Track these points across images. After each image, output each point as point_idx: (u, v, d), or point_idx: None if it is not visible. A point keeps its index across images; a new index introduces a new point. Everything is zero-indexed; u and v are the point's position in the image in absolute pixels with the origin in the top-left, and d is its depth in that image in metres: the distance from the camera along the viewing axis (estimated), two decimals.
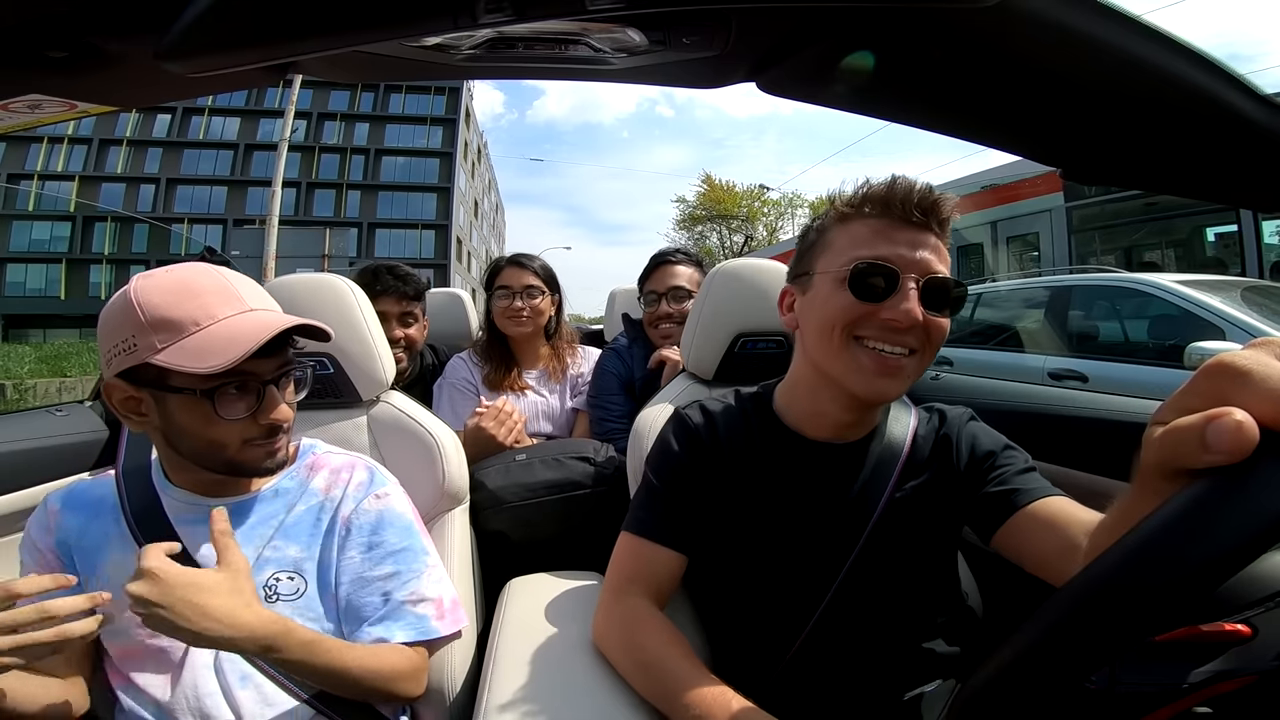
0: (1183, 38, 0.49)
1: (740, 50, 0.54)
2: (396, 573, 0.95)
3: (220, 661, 0.86)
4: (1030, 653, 0.43)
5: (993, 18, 0.45)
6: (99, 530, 0.90)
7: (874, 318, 0.83)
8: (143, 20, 0.43)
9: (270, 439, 0.89)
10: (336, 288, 1.26)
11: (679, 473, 0.95)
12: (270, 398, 0.87)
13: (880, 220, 0.85)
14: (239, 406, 0.85)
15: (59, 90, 0.52)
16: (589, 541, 1.30)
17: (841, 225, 0.88)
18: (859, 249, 0.84)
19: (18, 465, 1.31)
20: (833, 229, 0.89)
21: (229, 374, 0.81)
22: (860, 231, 0.86)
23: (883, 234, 0.84)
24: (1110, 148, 0.65)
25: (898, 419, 0.97)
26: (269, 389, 0.87)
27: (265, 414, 0.87)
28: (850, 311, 0.83)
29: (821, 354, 0.88)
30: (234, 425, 0.85)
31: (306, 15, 0.41)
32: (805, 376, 0.94)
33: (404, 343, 1.90)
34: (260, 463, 0.90)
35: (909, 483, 0.92)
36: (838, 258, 0.86)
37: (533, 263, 1.96)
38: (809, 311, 0.90)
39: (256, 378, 0.86)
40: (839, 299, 0.84)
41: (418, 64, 0.55)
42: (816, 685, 0.89)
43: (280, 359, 0.89)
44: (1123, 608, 0.36)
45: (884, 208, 0.85)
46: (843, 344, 0.85)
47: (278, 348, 0.87)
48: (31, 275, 36.57)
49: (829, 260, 0.87)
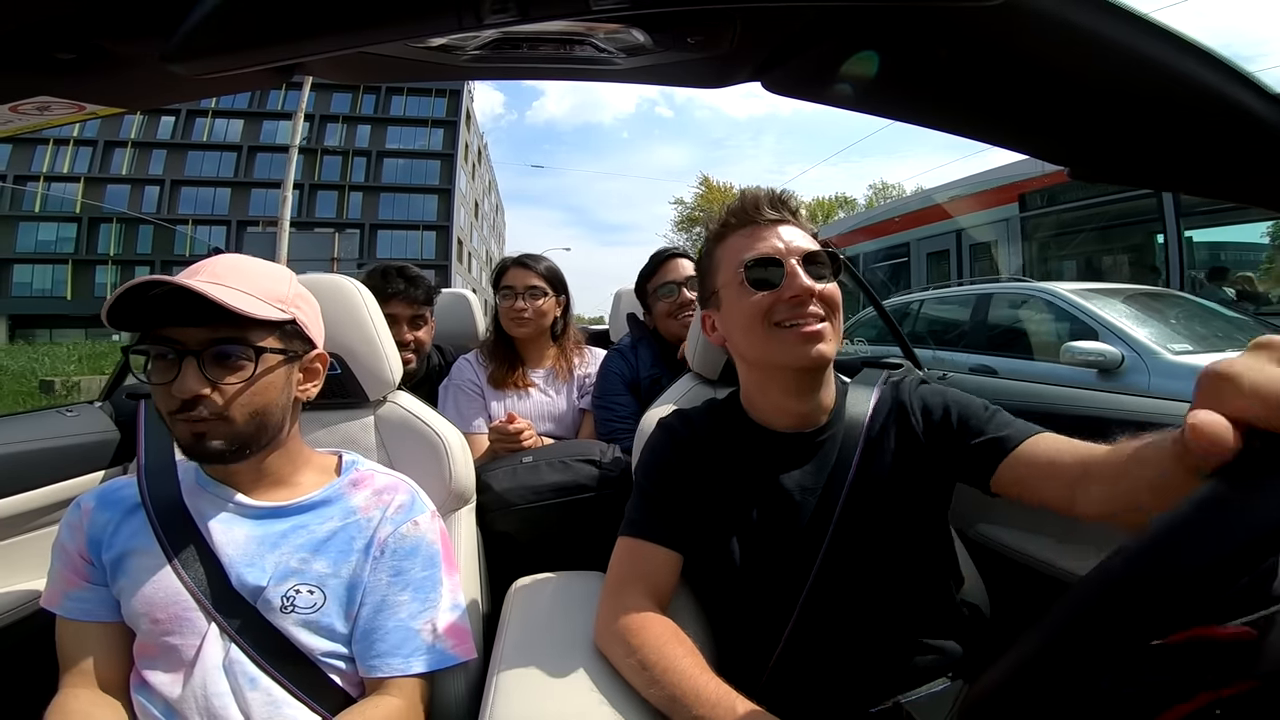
0: (1189, 35, 0.49)
1: (745, 50, 0.53)
2: (418, 602, 0.94)
3: (230, 663, 0.86)
4: (1042, 653, 0.43)
5: (999, 16, 0.45)
6: (129, 528, 0.91)
7: (779, 301, 0.93)
8: (149, 22, 0.43)
9: (185, 415, 0.84)
10: (344, 289, 1.26)
11: (666, 474, 0.99)
12: (183, 368, 0.83)
13: (746, 228, 0.98)
14: (162, 375, 0.85)
15: (67, 92, 0.52)
16: (595, 542, 1.30)
17: (720, 244, 1.01)
18: (741, 254, 0.96)
19: (28, 465, 1.32)
20: (715, 250, 1.02)
21: (156, 339, 0.84)
22: (736, 242, 0.99)
23: (754, 236, 0.97)
24: (1117, 146, 0.65)
25: (858, 400, 1.02)
26: (186, 360, 0.83)
27: (177, 384, 0.83)
28: (759, 304, 0.94)
29: (753, 350, 0.98)
30: (159, 393, 0.85)
31: (312, 17, 0.41)
32: (751, 379, 1.03)
33: (414, 345, 1.90)
34: (184, 440, 0.86)
35: (873, 459, 0.96)
36: (729, 269, 0.98)
37: (538, 264, 1.95)
38: (728, 322, 1.01)
39: (180, 346, 0.84)
40: (746, 300, 0.95)
41: (423, 65, 0.56)
42: (810, 681, 0.89)
43: (211, 332, 0.84)
44: (1134, 605, 0.36)
45: (743, 216, 0.99)
46: (766, 333, 0.94)
47: (210, 320, 0.84)
48: (38, 275, 37.10)
49: (723, 275, 1.00)
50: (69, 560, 0.90)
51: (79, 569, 0.90)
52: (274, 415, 0.91)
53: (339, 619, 0.91)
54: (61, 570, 0.91)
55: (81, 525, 0.91)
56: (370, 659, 0.91)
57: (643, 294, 2.02)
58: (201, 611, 0.87)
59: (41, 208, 37.71)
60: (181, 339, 0.84)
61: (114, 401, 1.60)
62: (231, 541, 0.90)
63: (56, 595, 0.90)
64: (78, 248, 37.49)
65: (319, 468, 1.02)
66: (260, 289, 0.89)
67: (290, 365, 0.93)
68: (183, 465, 0.97)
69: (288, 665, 0.88)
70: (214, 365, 0.85)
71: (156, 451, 0.99)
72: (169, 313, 0.83)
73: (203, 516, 0.91)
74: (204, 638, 0.86)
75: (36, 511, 1.31)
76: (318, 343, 0.98)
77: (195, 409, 0.84)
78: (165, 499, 0.92)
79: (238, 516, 0.92)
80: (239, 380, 0.86)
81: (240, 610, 0.88)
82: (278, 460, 0.96)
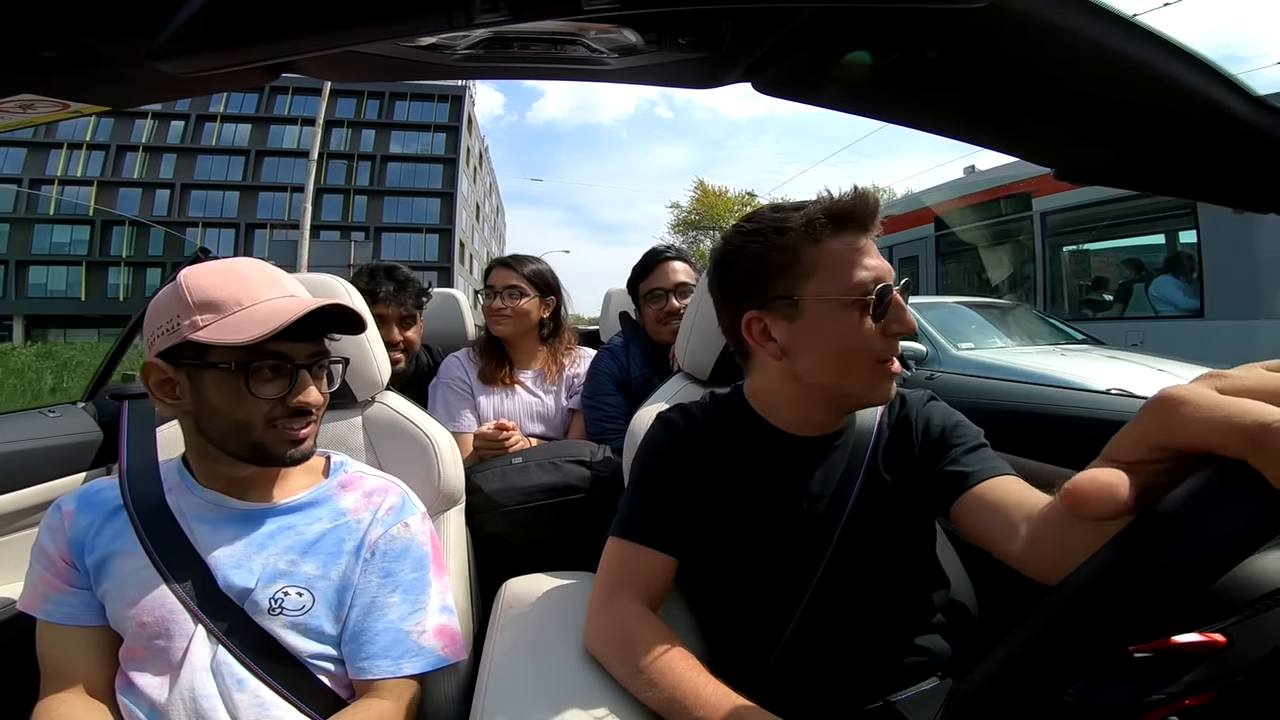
0: (1174, 38, 0.49)
1: (735, 51, 0.54)
2: (408, 604, 0.94)
3: (218, 665, 0.85)
4: (1026, 654, 0.43)
5: (985, 18, 0.45)
6: (111, 530, 0.90)
7: (881, 335, 0.85)
8: (135, 20, 0.42)
9: (295, 422, 0.90)
10: (333, 288, 1.26)
11: (665, 473, 0.95)
12: (302, 380, 0.90)
13: (852, 235, 0.86)
14: (272, 386, 0.87)
15: (51, 90, 0.52)
16: (586, 543, 1.30)
17: (817, 245, 0.86)
18: (855, 271, 0.85)
19: (10, 466, 1.30)
20: (807, 250, 0.87)
21: (266, 353, 0.86)
22: (841, 250, 0.86)
23: (861, 250, 0.86)
24: (1102, 148, 0.66)
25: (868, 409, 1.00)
26: (301, 372, 0.90)
27: (295, 395, 0.89)
28: (876, 337, 0.85)
29: (837, 378, 0.89)
30: (262, 405, 0.87)
31: (300, 15, 0.41)
32: (789, 392, 0.94)
33: (403, 345, 1.90)
34: (284, 448, 0.90)
35: (879, 470, 0.94)
36: (833, 282, 0.85)
37: (522, 266, 1.94)
38: (810, 338, 0.88)
39: (290, 360, 0.88)
40: (860, 327, 0.85)
41: (413, 64, 0.55)
42: (806, 682, 0.89)
43: (315, 346, 0.93)
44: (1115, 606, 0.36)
45: (850, 221, 0.86)
46: (870, 368, 0.87)
47: (313, 335, 0.92)
48: (53, 277, 37.95)
49: (823, 285, 0.86)
50: (50, 563, 0.89)
51: (60, 572, 0.89)
52: None
53: (328, 621, 0.91)
54: (42, 574, 0.89)
55: (63, 528, 0.90)
56: (360, 661, 0.90)
57: (634, 292, 2.00)
58: (188, 614, 0.86)
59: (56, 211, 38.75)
60: (291, 353, 0.89)
61: (97, 402, 1.58)
62: (217, 543, 0.89)
63: (37, 599, 0.89)
64: (91, 250, 38.34)
65: (306, 468, 1.01)
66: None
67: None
68: (166, 466, 0.96)
69: (276, 667, 0.87)
70: (316, 376, 0.93)
71: (138, 453, 0.98)
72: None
73: (187, 518, 0.90)
74: (191, 640, 0.85)
75: (16, 514, 1.30)
76: None
77: (306, 416, 0.91)
78: (148, 501, 0.91)
79: (224, 518, 0.91)
80: (330, 388, 0.97)
81: (227, 612, 0.87)
82: None
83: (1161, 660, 0.62)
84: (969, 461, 0.89)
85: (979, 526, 0.83)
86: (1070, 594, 0.39)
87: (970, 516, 0.85)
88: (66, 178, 38.00)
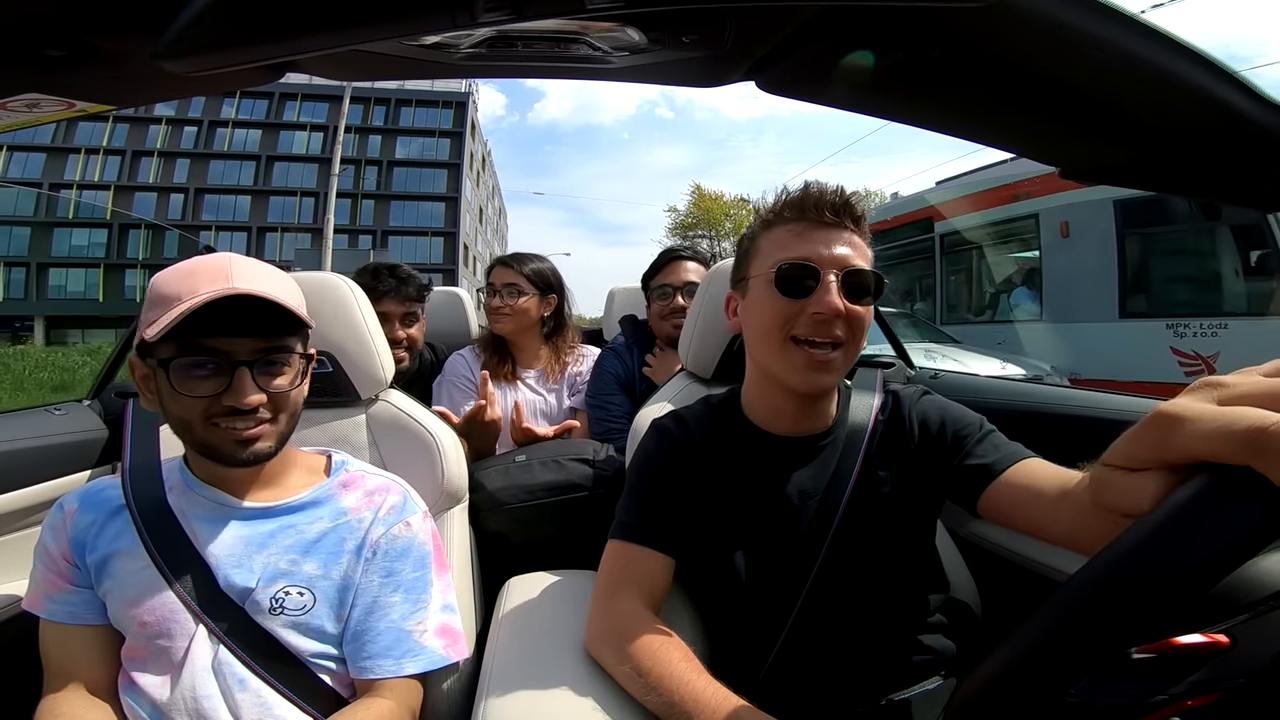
0: (1180, 36, 0.49)
1: (739, 49, 0.54)
2: (409, 603, 0.94)
3: (219, 664, 0.85)
4: (1028, 655, 0.43)
5: (990, 16, 0.45)
6: (113, 529, 0.90)
7: (803, 314, 0.89)
8: (140, 19, 0.43)
9: (238, 422, 0.85)
10: (336, 286, 1.26)
11: (660, 477, 0.97)
12: (238, 378, 0.84)
13: (798, 224, 0.92)
14: (204, 384, 0.84)
15: (57, 89, 0.52)
16: (589, 542, 1.30)
17: (766, 232, 0.96)
18: (783, 252, 0.92)
19: (15, 464, 1.30)
20: (760, 236, 0.97)
21: (197, 349, 0.83)
22: (782, 236, 0.93)
23: (802, 236, 0.91)
24: (1108, 146, 0.65)
25: (859, 407, 1.01)
26: (240, 370, 0.84)
27: (232, 395, 0.84)
28: (782, 312, 0.90)
29: (762, 354, 0.96)
30: (195, 403, 0.84)
31: (304, 14, 0.41)
32: (754, 376, 1.02)
33: (406, 342, 1.91)
34: (231, 448, 0.86)
35: (873, 469, 0.95)
36: (765, 261, 0.93)
37: (522, 264, 1.94)
38: (749, 315, 0.98)
39: (228, 357, 0.84)
40: (771, 301, 0.91)
41: (417, 63, 0.55)
42: (805, 682, 0.89)
43: (263, 341, 0.86)
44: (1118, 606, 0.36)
45: (800, 211, 0.92)
46: (780, 344, 0.91)
47: (259, 331, 0.85)
48: (72, 279, 39.04)
49: (758, 265, 0.95)
50: (52, 563, 0.89)
51: (62, 571, 0.89)
52: (299, 415, 0.94)
53: (329, 620, 0.91)
54: (44, 573, 0.90)
55: (64, 527, 0.90)
56: (362, 660, 0.90)
57: (645, 287, 2.02)
58: (189, 613, 0.86)
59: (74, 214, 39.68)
60: (229, 349, 0.84)
61: (103, 400, 1.59)
62: (218, 543, 0.89)
63: (40, 598, 0.89)
64: (108, 252, 39.30)
65: (307, 468, 1.01)
66: (287, 292, 0.89)
67: (307, 365, 0.94)
68: (168, 465, 0.96)
69: (277, 666, 0.87)
70: (263, 373, 0.87)
71: (141, 451, 0.98)
72: (214, 322, 0.82)
73: (188, 517, 0.90)
74: (192, 639, 0.85)
75: (21, 512, 1.30)
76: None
77: (245, 417, 0.85)
78: (149, 500, 0.91)
79: (224, 518, 0.91)
80: (286, 386, 0.89)
81: (228, 612, 0.87)
82: (270, 461, 0.95)
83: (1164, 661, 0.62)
84: (984, 451, 0.89)
85: (1016, 513, 0.83)
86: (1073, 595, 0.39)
87: (1004, 505, 0.84)
88: (84, 182, 38.96)
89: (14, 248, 38.04)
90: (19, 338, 33.37)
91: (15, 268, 37.88)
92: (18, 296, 37.47)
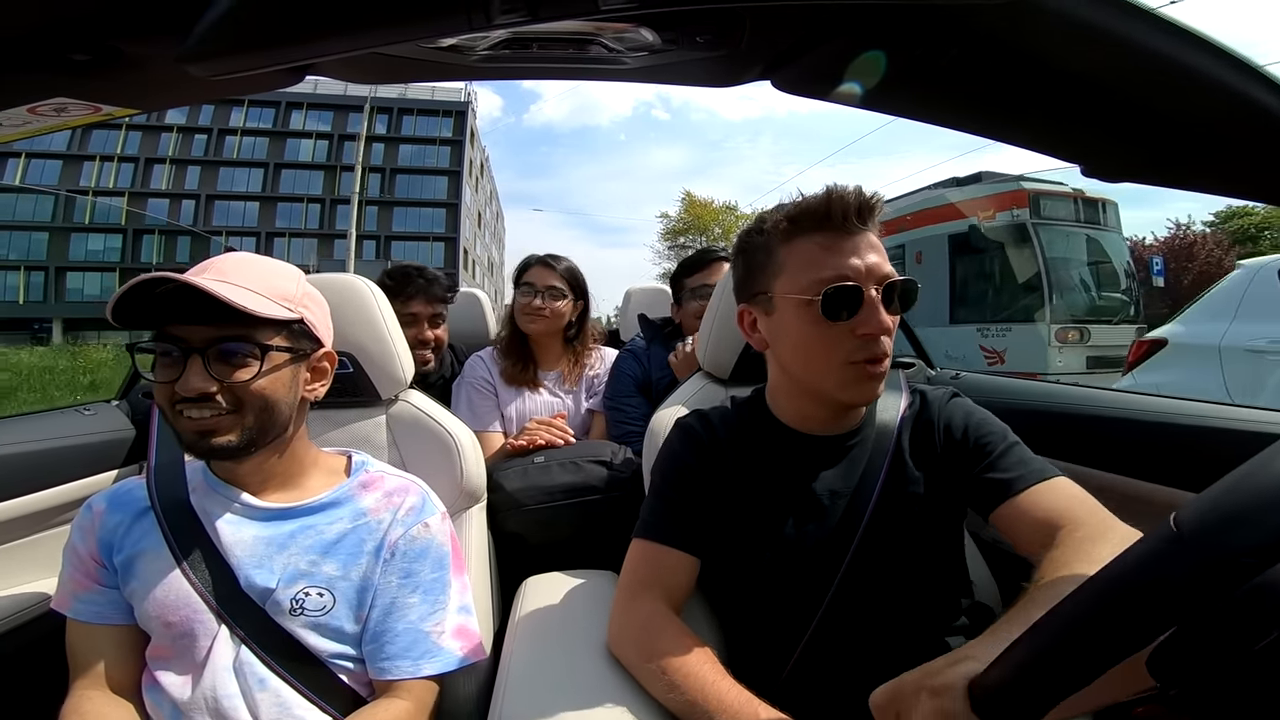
0: (1202, 31, 0.48)
1: (754, 49, 0.53)
2: (428, 604, 0.94)
3: (240, 664, 0.86)
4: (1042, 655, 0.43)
5: (1009, 14, 0.45)
6: (139, 530, 0.91)
7: (850, 335, 0.86)
8: (164, 23, 0.43)
9: (191, 410, 0.84)
10: (356, 288, 1.27)
11: (685, 476, 0.96)
12: (189, 366, 0.83)
13: (822, 234, 0.87)
14: (164, 371, 0.85)
15: (83, 93, 0.53)
16: (606, 544, 1.30)
17: (787, 245, 0.90)
18: (816, 270, 0.86)
19: (46, 464, 1.33)
20: (779, 248, 0.90)
21: (163, 337, 0.84)
22: (809, 250, 0.88)
23: (831, 249, 0.86)
24: (1131, 144, 0.64)
25: (887, 406, 1.00)
26: (192, 357, 0.83)
27: (181, 383, 0.83)
28: (831, 337, 0.86)
29: (805, 373, 0.92)
30: (165, 390, 0.85)
31: (324, 17, 0.41)
32: (784, 385, 0.98)
33: (434, 343, 1.91)
34: (190, 438, 0.86)
35: (900, 469, 0.94)
36: (796, 280, 0.88)
37: (559, 264, 1.95)
38: (781, 334, 0.93)
39: (183, 343, 0.84)
40: (815, 325, 0.86)
41: (434, 65, 0.56)
42: (827, 683, 0.88)
43: (217, 330, 0.84)
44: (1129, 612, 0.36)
45: (823, 222, 0.87)
46: (827, 367, 0.88)
47: (216, 319, 0.83)
48: (88, 282, 40.16)
49: (787, 283, 0.89)
50: (80, 563, 0.90)
51: (90, 571, 0.90)
52: (281, 413, 0.90)
53: (348, 621, 0.91)
54: (72, 573, 0.91)
55: (93, 528, 0.91)
56: (380, 661, 0.91)
57: (679, 285, 1.99)
58: (211, 613, 0.87)
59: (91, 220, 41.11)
60: (186, 337, 0.84)
61: (130, 400, 1.61)
62: (239, 543, 0.90)
63: (67, 598, 0.90)
64: (124, 256, 40.47)
65: (327, 469, 1.01)
66: (268, 287, 0.88)
67: (298, 364, 0.92)
68: (191, 466, 0.96)
69: (297, 666, 0.88)
70: (219, 363, 0.84)
71: (166, 451, 0.98)
72: (176, 310, 0.83)
73: (210, 517, 0.91)
74: (214, 639, 0.86)
75: (51, 511, 1.32)
76: (326, 342, 0.98)
77: (200, 406, 0.84)
78: (173, 500, 0.92)
79: (245, 518, 0.92)
80: (244, 378, 0.85)
81: (249, 612, 0.88)
82: (285, 461, 0.95)
83: None
84: (1007, 466, 0.89)
85: (1018, 535, 0.84)
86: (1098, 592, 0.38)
87: (1011, 523, 0.85)
88: (99, 189, 40.29)
89: (34, 252, 39.37)
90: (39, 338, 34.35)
91: (35, 271, 39.16)
92: (37, 299, 38.81)
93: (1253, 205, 22.90)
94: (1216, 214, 25.29)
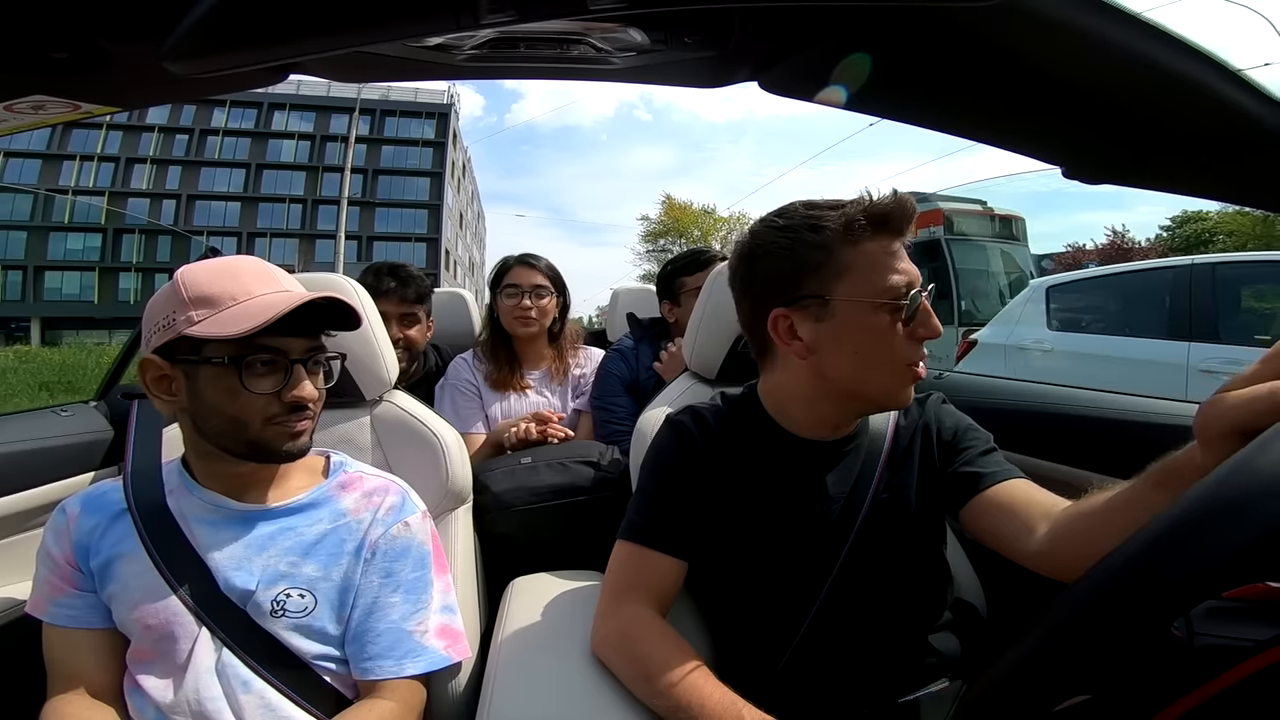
0: (1185, 35, 0.49)
1: (742, 50, 0.53)
2: (409, 603, 0.94)
3: (223, 666, 0.85)
4: (1037, 656, 0.43)
5: (996, 16, 0.45)
6: (115, 533, 0.90)
7: (911, 339, 0.85)
8: (146, 21, 0.43)
9: (293, 418, 0.89)
10: (341, 287, 1.26)
11: (674, 477, 0.94)
12: (297, 375, 0.88)
13: (886, 239, 0.85)
14: (266, 381, 0.86)
15: (63, 91, 0.52)
16: (594, 544, 1.30)
17: (853, 247, 0.85)
18: (887, 274, 0.84)
19: (22, 466, 1.31)
20: (842, 250, 0.85)
21: (259, 348, 0.85)
22: (876, 253, 0.85)
23: (894, 253, 0.85)
24: (1112, 146, 0.65)
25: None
26: (296, 367, 0.88)
27: (290, 390, 0.87)
28: (896, 342, 0.85)
29: (857, 378, 0.88)
30: (258, 400, 0.86)
31: (309, 16, 0.41)
32: (808, 391, 0.93)
33: (404, 344, 1.89)
34: (281, 443, 0.89)
35: (894, 474, 0.94)
36: (868, 283, 0.84)
37: (539, 262, 1.93)
38: (838, 339, 0.87)
39: (285, 355, 0.87)
40: (886, 331, 0.84)
41: (420, 64, 0.55)
42: (816, 684, 0.89)
43: (311, 341, 0.91)
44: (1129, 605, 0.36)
45: (888, 224, 0.85)
46: (890, 370, 0.86)
47: (309, 331, 0.90)
48: (67, 281, 39.99)
49: (854, 287, 0.85)
50: (55, 567, 0.89)
51: (66, 575, 0.89)
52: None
53: (330, 622, 0.91)
54: (47, 577, 0.89)
55: (68, 531, 0.90)
56: (363, 662, 0.90)
57: (677, 284, 1.95)
58: (190, 615, 0.86)
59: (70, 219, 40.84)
60: (286, 348, 0.88)
61: (109, 401, 1.59)
62: (218, 545, 0.89)
63: (42, 602, 0.89)
64: (103, 256, 40.24)
65: (306, 469, 1.00)
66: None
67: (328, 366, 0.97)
68: (168, 468, 0.96)
69: (280, 669, 0.87)
70: (311, 372, 0.91)
71: (144, 454, 0.97)
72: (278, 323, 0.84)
73: (188, 520, 0.90)
74: (195, 642, 0.85)
75: (26, 514, 1.30)
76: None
77: (304, 411, 0.90)
78: (150, 503, 0.91)
79: (223, 520, 0.91)
80: (325, 384, 0.95)
81: (230, 614, 0.87)
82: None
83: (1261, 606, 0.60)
84: (982, 464, 0.90)
85: (991, 528, 0.85)
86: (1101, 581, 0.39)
87: (983, 518, 0.87)
88: (79, 188, 39.79)
89: (11, 251, 38.86)
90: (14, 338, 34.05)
91: (12, 270, 38.64)
92: (15, 298, 38.34)
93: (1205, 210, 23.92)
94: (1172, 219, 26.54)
